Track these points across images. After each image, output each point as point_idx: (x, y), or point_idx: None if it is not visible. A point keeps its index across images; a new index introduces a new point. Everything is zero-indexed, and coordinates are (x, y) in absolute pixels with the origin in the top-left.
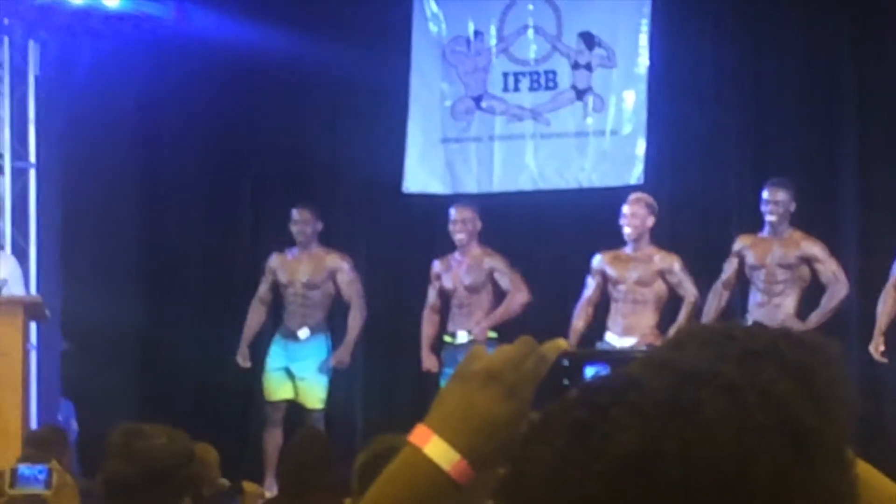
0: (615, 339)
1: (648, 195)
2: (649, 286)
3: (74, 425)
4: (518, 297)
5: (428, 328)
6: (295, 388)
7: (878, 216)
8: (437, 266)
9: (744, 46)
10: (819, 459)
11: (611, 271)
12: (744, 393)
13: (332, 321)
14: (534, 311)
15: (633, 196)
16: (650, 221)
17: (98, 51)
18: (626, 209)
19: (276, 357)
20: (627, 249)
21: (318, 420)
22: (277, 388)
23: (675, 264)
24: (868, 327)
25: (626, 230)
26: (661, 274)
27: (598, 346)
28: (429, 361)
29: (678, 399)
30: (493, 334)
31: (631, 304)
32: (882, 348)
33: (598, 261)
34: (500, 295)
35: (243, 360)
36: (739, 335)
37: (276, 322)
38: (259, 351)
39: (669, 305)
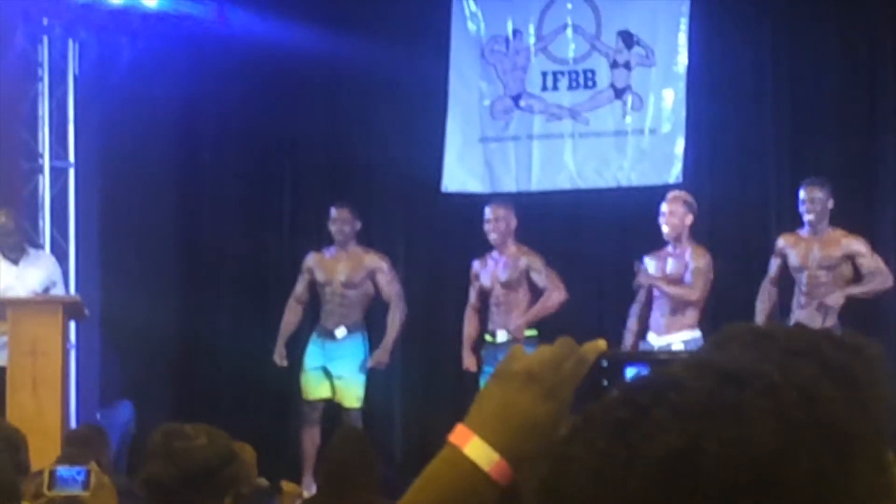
0: (655, 339)
1: (687, 193)
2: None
3: (132, 427)
4: (555, 295)
5: (468, 328)
6: (332, 387)
7: None
8: (475, 265)
9: (782, 44)
10: (858, 460)
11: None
12: (784, 393)
13: (369, 320)
14: (572, 311)
15: (671, 194)
16: (689, 219)
17: (137, 50)
18: (664, 207)
19: (313, 356)
20: (668, 248)
21: (356, 419)
22: (315, 387)
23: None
24: None
25: (665, 228)
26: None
27: (641, 346)
28: (468, 360)
29: (719, 399)
30: (533, 333)
31: (669, 301)
32: None
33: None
34: (537, 293)
35: (280, 359)
36: (780, 335)
37: (314, 321)
38: (296, 350)
39: (710, 302)
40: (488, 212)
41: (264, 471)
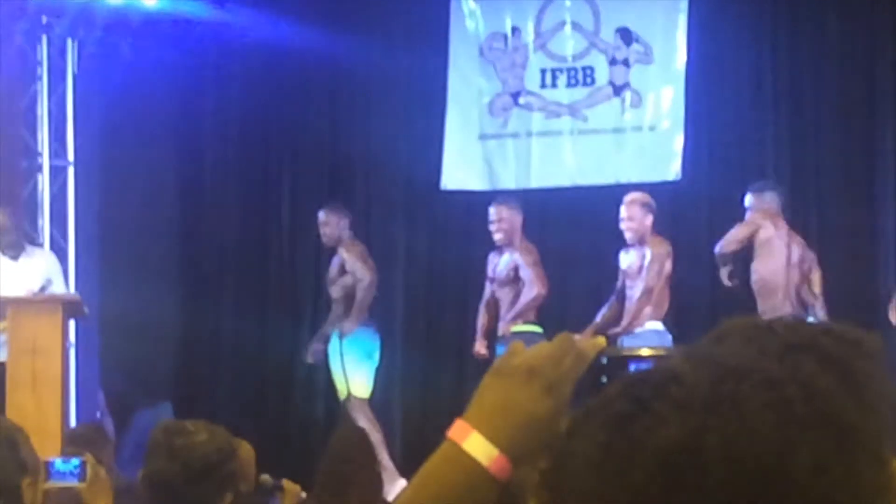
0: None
1: (645, 194)
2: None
3: None
4: (533, 290)
5: (480, 319)
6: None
7: None
8: (488, 261)
9: (782, 40)
10: (859, 454)
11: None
12: (784, 387)
13: (374, 312)
14: (571, 308)
15: (628, 197)
16: (648, 220)
17: (136, 49)
18: (623, 211)
19: (334, 356)
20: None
21: (356, 408)
22: (341, 386)
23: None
24: None
25: (627, 234)
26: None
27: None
28: (478, 345)
29: (719, 393)
30: (538, 329)
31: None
32: None
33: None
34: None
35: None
36: (780, 330)
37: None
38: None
39: (709, 298)
40: (492, 212)
41: (265, 470)
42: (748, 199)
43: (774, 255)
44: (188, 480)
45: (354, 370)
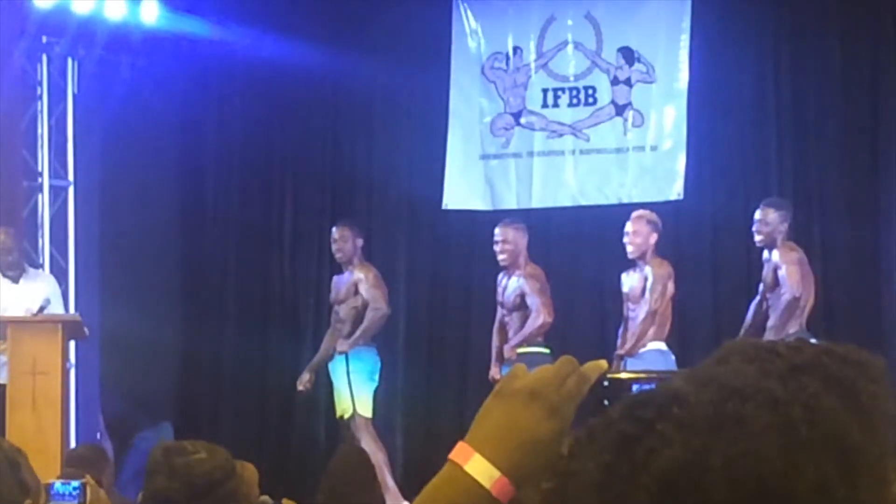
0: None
1: (652, 212)
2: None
3: None
4: (536, 319)
5: (494, 342)
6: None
7: None
8: (498, 283)
9: (784, 60)
10: (863, 474)
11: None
12: (788, 408)
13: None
14: (574, 328)
15: (635, 213)
16: (653, 238)
17: (136, 68)
18: (628, 227)
19: (339, 374)
20: (635, 267)
21: (361, 427)
22: (346, 405)
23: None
24: None
25: (629, 248)
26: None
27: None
28: (493, 370)
29: (723, 413)
30: (545, 350)
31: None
32: None
33: None
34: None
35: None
36: (783, 350)
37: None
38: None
39: (712, 317)
40: (497, 233)
41: (266, 489)
42: (759, 213)
43: (805, 275)
44: (189, 498)
45: (360, 388)
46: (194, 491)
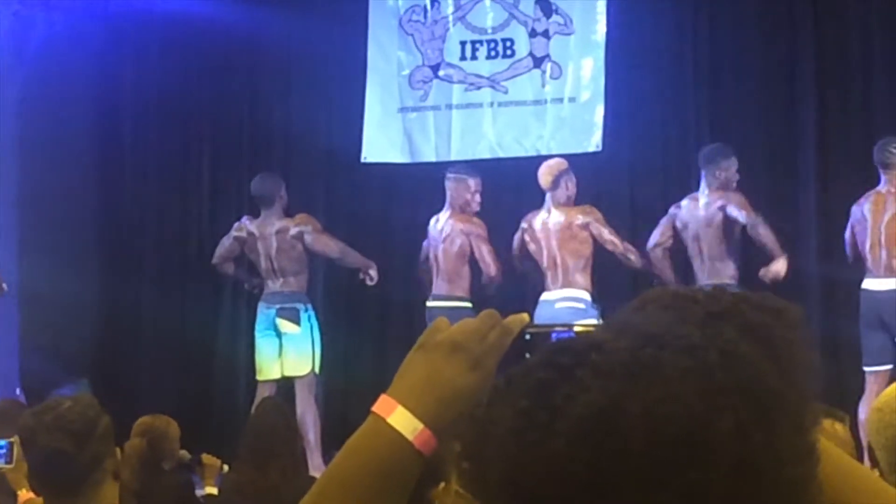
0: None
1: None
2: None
3: None
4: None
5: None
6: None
7: (836, 182)
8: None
9: (702, 10)
10: (780, 420)
11: None
12: (705, 354)
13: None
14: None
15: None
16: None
17: (52, 23)
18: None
19: (305, 329)
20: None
21: (314, 384)
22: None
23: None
24: (828, 293)
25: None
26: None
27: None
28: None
29: (640, 359)
30: (468, 304)
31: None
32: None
33: None
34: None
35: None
36: (701, 298)
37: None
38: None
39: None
40: (473, 184)
41: (185, 444)
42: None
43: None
44: (78, 443)
45: (318, 345)
46: (78, 435)
